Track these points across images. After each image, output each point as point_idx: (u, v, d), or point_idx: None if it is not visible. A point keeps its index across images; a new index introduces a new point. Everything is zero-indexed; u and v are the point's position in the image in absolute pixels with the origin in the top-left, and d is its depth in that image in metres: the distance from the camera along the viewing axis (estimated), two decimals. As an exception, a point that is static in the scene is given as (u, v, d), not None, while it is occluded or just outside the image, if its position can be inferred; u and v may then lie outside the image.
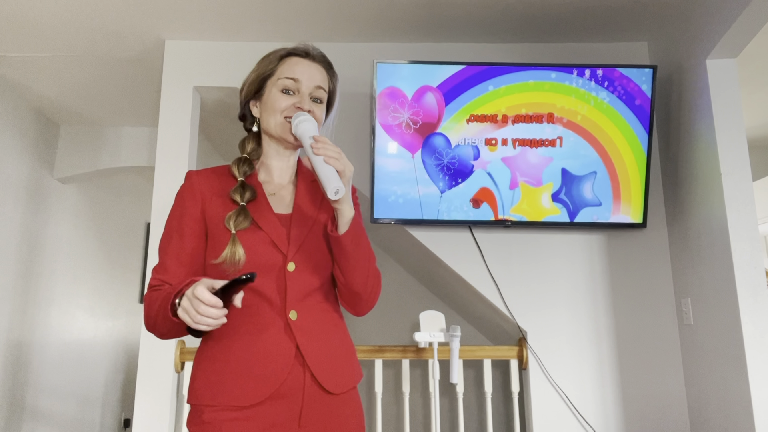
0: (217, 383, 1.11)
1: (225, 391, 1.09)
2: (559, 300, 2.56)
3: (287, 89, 1.21)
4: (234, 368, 1.11)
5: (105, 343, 4.25)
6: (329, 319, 1.20)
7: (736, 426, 2.14)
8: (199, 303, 0.97)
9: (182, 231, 1.17)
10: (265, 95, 1.23)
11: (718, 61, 2.27)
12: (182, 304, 1.00)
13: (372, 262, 1.21)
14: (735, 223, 2.17)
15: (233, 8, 2.49)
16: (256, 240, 1.14)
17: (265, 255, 1.14)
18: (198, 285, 0.98)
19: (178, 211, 1.19)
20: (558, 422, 2.45)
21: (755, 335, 2.09)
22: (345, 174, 1.09)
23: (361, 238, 1.18)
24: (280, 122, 1.20)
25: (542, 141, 2.48)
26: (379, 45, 2.76)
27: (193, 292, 0.97)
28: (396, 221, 2.49)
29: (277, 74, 1.22)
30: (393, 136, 2.48)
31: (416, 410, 3.73)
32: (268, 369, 1.10)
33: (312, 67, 1.24)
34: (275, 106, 1.20)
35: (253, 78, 1.25)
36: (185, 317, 0.99)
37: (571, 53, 2.75)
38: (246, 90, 1.26)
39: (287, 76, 1.21)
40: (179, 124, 2.71)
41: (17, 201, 3.31)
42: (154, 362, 2.49)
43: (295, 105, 1.20)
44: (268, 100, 1.22)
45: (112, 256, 4.32)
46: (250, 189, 1.19)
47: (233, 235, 1.13)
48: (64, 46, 2.76)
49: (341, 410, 1.17)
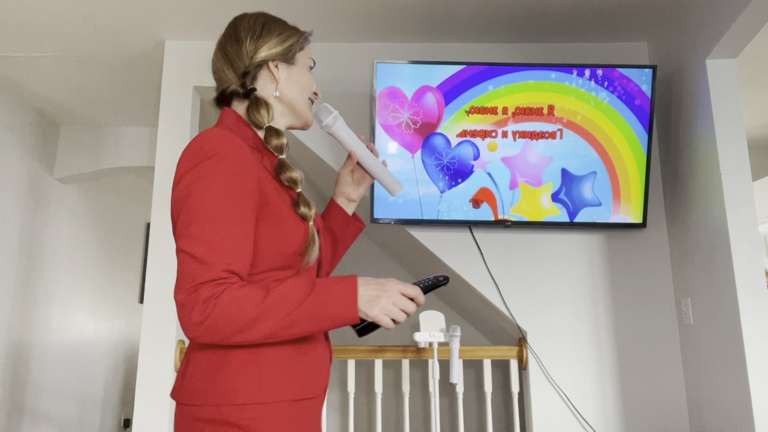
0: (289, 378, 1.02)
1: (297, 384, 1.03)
2: (559, 300, 2.56)
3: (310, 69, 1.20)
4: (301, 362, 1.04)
5: (105, 343, 4.25)
6: None
7: (736, 426, 2.14)
8: (409, 303, 0.99)
9: (245, 206, 0.97)
10: (297, 65, 1.16)
11: (718, 61, 2.27)
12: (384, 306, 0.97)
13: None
14: (735, 223, 2.17)
15: (233, 8, 2.49)
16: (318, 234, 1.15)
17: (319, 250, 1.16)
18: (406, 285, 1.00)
19: (235, 181, 0.96)
20: (558, 422, 2.45)
21: (755, 335, 2.09)
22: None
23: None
24: (304, 101, 1.17)
25: (542, 133, 2.48)
26: (379, 45, 2.76)
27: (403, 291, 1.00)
28: (396, 221, 2.49)
29: (306, 52, 1.19)
30: (393, 136, 2.48)
31: (416, 410, 3.73)
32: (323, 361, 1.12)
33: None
34: (309, 83, 1.17)
35: (290, 42, 1.14)
36: (385, 319, 0.97)
37: (571, 53, 2.75)
38: (276, 50, 1.12)
39: (312, 58, 1.21)
40: (179, 124, 2.71)
41: (17, 201, 3.31)
42: (154, 362, 2.49)
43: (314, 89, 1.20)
44: (302, 74, 1.16)
45: (112, 256, 4.32)
46: (299, 172, 1.09)
47: (312, 229, 1.05)
48: (64, 46, 2.76)
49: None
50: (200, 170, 0.96)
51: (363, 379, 3.74)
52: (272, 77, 1.12)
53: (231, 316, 0.91)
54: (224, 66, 1.12)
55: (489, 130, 2.48)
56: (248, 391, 0.97)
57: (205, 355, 1.01)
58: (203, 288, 0.91)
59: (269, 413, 0.98)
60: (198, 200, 0.94)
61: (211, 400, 0.97)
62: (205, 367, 1.00)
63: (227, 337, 0.92)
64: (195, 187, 0.95)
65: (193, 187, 0.95)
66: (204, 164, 0.96)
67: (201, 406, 0.98)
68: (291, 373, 1.01)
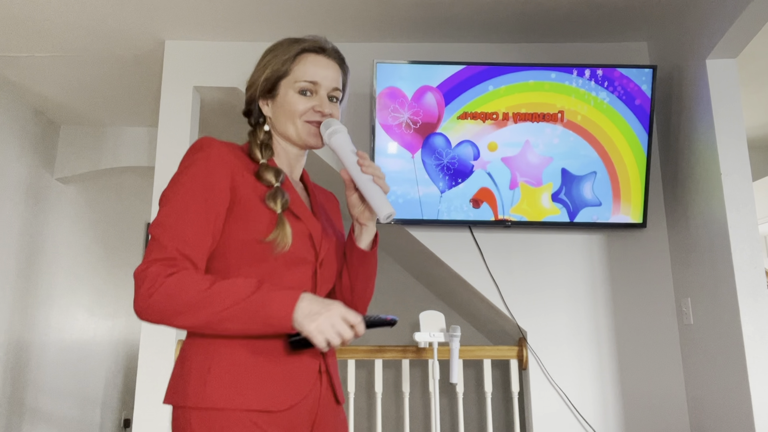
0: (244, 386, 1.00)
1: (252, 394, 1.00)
2: (559, 300, 2.56)
3: (305, 91, 1.14)
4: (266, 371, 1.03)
5: (105, 343, 4.25)
6: None
7: (736, 426, 2.14)
8: (347, 329, 0.97)
9: (210, 200, 1.03)
10: (280, 96, 1.15)
11: (718, 61, 2.27)
12: (321, 325, 0.95)
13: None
14: (735, 223, 2.17)
15: (233, 8, 2.49)
16: (297, 230, 1.08)
17: (304, 248, 1.09)
18: (350, 312, 0.98)
19: (203, 176, 1.03)
20: (558, 422, 2.45)
21: (755, 335, 2.09)
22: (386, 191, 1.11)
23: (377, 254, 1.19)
24: (301, 126, 1.14)
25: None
26: (379, 45, 2.76)
27: (345, 316, 0.98)
28: (396, 221, 2.49)
29: (294, 75, 1.14)
30: (393, 136, 2.48)
31: (416, 410, 3.73)
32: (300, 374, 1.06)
33: (329, 66, 1.18)
34: (294, 109, 1.13)
35: (267, 76, 1.15)
36: (318, 336, 0.96)
37: (571, 53, 2.74)
38: (258, 87, 1.17)
39: (306, 80, 1.14)
40: (179, 124, 2.71)
41: (17, 201, 3.31)
42: (154, 362, 2.49)
43: (315, 108, 1.14)
44: (285, 103, 1.14)
45: (112, 256, 4.32)
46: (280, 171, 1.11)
47: (281, 216, 1.05)
48: (64, 46, 2.76)
49: (343, 420, 1.16)
50: (181, 168, 1.06)
51: (363, 379, 3.74)
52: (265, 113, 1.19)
53: (173, 296, 0.95)
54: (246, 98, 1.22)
55: (489, 130, 2.48)
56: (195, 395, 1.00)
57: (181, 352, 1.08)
58: (154, 264, 0.96)
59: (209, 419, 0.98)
60: (170, 192, 1.04)
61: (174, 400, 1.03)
62: (177, 364, 1.06)
63: (167, 317, 0.96)
64: (172, 182, 1.06)
65: (171, 182, 1.06)
66: (184, 163, 1.07)
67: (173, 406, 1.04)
68: (245, 381, 1.01)
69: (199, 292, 0.95)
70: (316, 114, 1.14)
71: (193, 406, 0.99)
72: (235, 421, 0.98)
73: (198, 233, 1.01)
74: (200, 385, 1.00)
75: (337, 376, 1.16)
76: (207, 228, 1.02)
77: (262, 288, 0.98)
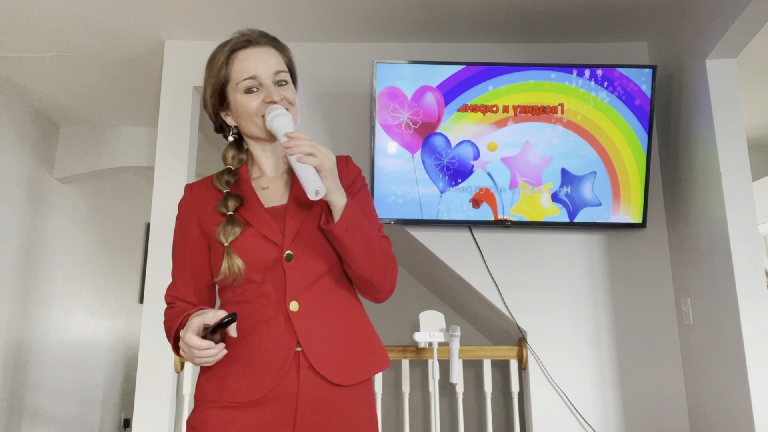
0: (220, 380, 1.11)
1: (227, 387, 1.10)
2: (558, 300, 2.56)
3: (250, 89, 1.15)
4: (235, 365, 1.11)
5: (105, 343, 4.25)
6: (340, 306, 1.16)
7: (736, 426, 2.14)
8: (192, 350, 1.02)
9: (184, 249, 1.21)
10: (231, 103, 1.18)
11: (718, 61, 2.27)
12: (180, 346, 1.06)
13: (375, 246, 1.15)
14: (735, 223, 2.17)
15: (233, 8, 2.49)
16: (247, 238, 1.13)
17: (259, 250, 1.12)
18: (187, 331, 1.03)
19: (178, 227, 1.23)
20: (558, 422, 2.45)
21: (755, 335, 2.09)
22: (324, 168, 1.05)
23: (358, 227, 1.11)
24: (260, 124, 1.15)
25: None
26: (379, 45, 2.76)
27: (184, 340, 1.03)
28: (396, 221, 2.49)
29: (233, 78, 1.16)
30: (393, 136, 2.48)
31: (416, 410, 3.73)
32: (266, 365, 1.09)
33: (261, 54, 1.17)
34: (247, 110, 1.15)
35: (210, 91, 1.20)
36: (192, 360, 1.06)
37: (571, 53, 2.74)
38: (210, 104, 1.21)
39: (244, 77, 1.15)
40: (179, 124, 2.71)
41: (17, 201, 3.31)
42: (154, 362, 2.49)
43: (265, 100, 1.14)
44: (237, 107, 1.17)
45: (112, 256, 4.32)
46: (233, 197, 1.17)
47: (227, 248, 1.12)
48: (64, 46, 2.76)
49: (349, 403, 1.12)
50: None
51: (363, 379, 3.73)
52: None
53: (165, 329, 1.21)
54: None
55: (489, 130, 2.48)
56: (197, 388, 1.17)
57: None
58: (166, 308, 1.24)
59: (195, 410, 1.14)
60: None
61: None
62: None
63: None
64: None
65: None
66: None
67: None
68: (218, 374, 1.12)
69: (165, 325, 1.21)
70: (266, 105, 1.15)
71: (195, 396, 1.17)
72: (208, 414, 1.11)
73: (180, 278, 1.22)
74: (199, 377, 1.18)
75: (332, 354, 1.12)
76: (185, 270, 1.21)
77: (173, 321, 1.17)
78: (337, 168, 1.11)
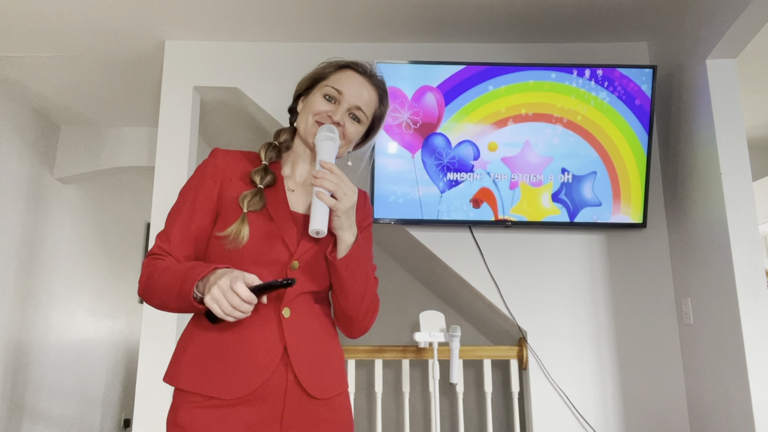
0: (201, 371, 1.09)
1: (209, 380, 1.08)
2: (559, 300, 2.56)
3: (329, 96, 1.21)
4: (220, 359, 1.09)
5: (105, 343, 4.25)
6: (321, 323, 1.19)
7: (736, 426, 2.14)
8: (234, 296, 0.98)
9: (194, 206, 1.17)
10: (310, 95, 1.24)
11: (718, 61, 2.27)
12: (213, 293, 0.98)
13: (369, 289, 1.19)
14: (735, 223, 2.17)
15: (233, 8, 2.49)
16: (267, 231, 1.14)
17: (273, 250, 1.14)
18: (237, 279, 0.98)
19: (195, 184, 1.19)
20: (558, 422, 2.45)
21: (755, 335, 2.09)
22: (339, 209, 1.09)
23: (358, 265, 1.16)
24: (309, 124, 1.20)
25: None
26: (379, 45, 2.76)
27: (230, 284, 0.98)
28: (396, 221, 2.49)
29: (328, 80, 1.23)
30: (393, 136, 2.48)
31: (416, 410, 3.73)
32: (253, 365, 1.09)
33: (364, 85, 1.23)
34: (312, 107, 1.21)
35: (308, 75, 1.27)
36: (213, 306, 0.99)
37: (571, 53, 2.75)
38: (299, 85, 1.28)
39: (334, 86, 1.21)
40: (179, 124, 2.71)
41: (17, 201, 3.31)
42: (154, 362, 2.49)
43: (328, 113, 1.19)
44: (309, 101, 1.23)
45: (112, 256, 4.32)
46: (271, 174, 1.20)
47: (243, 214, 1.13)
48: (64, 46, 2.76)
49: (326, 416, 1.15)
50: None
51: (363, 379, 3.74)
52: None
53: (145, 281, 1.12)
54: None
55: (489, 130, 2.48)
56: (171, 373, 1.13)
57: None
58: (147, 258, 1.16)
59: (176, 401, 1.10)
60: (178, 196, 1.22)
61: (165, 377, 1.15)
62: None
63: (147, 299, 1.13)
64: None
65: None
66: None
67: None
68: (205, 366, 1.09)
69: (157, 275, 1.09)
70: (327, 118, 1.20)
71: (170, 383, 1.12)
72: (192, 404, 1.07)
73: (180, 233, 1.15)
74: (175, 364, 1.13)
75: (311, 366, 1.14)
76: (189, 227, 1.15)
77: (193, 267, 1.05)
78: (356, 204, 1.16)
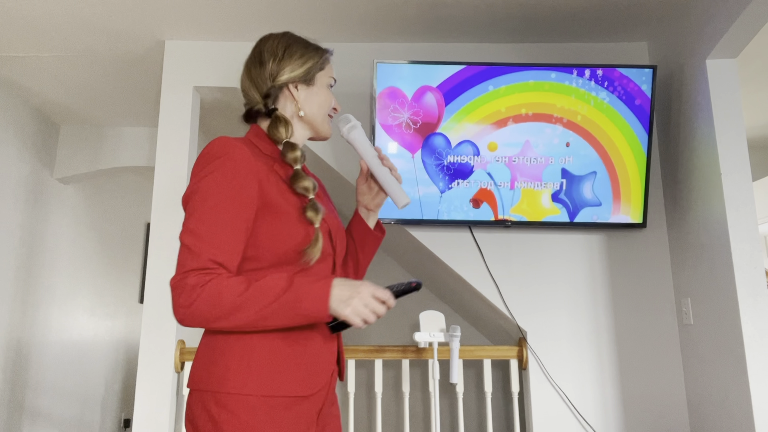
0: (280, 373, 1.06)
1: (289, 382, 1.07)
2: (559, 300, 2.56)
3: (330, 87, 1.28)
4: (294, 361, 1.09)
5: (105, 343, 4.25)
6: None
7: (736, 426, 2.14)
8: (380, 306, 1.05)
9: (240, 212, 1.05)
10: (316, 85, 1.24)
11: (718, 61, 2.27)
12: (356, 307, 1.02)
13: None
14: (735, 223, 2.17)
15: (233, 8, 2.49)
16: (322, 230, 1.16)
17: (326, 245, 1.17)
18: (378, 289, 1.05)
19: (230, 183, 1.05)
20: (558, 422, 2.45)
21: (755, 335, 2.09)
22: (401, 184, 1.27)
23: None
24: (327, 118, 1.27)
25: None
26: (379, 45, 2.76)
27: (374, 294, 1.04)
28: (396, 221, 2.49)
29: (326, 71, 1.26)
30: (393, 136, 2.48)
31: (416, 410, 3.73)
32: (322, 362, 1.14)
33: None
34: (326, 102, 1.25)
35: (309, 65, 1.22)
36: (355, 319, 1.03)
37: (571, 53, 2.75)
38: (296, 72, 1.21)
39: (333, 77, 1.28)
40: (179, 124, 2.71)
41: (17, 201, 3.31)
42: (154, 362, 2.49)
43: (333, 105, 1.28)
44: (320, 93, 1.24)
45: (112, 256, 4.32)
46: (309, 180, 1.16)
47: (317, 231, 1.12)
48: (64, 46, 2.76)
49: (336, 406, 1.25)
50: (206, 170, 1.06)
51: (363, 379, 3.74)
52: (292, 97, 1.22)
53: (213, 303, 1.00)
54: (249, 87, 1.22)
55: (489, 130, 2.48)
56: (235, 380, 1.04)
57: (208, 342, 1.09)
58: (191, 275, 1.01)
59: (249, 405, 1.03)
60: (200, 197, 1.05)
61: (207, 386, 1.05)
62: (208, 354, 1.08)
63: (208, 322, 1.01)
64: (200, 185, 1.06)
65: (198, 185, 1.06)
66: (210, 165, 1.07)
67: (201, 392, 1.06)
68: (280, 368, 1.06)
69: (238, 296, 1.00)
70: (333, 110, 1.28)
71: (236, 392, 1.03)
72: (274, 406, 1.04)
73: (230, 241, 1.04)
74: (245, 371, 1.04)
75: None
76: (239, 235, 1.05)
77: (294, 284, 1.02)
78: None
